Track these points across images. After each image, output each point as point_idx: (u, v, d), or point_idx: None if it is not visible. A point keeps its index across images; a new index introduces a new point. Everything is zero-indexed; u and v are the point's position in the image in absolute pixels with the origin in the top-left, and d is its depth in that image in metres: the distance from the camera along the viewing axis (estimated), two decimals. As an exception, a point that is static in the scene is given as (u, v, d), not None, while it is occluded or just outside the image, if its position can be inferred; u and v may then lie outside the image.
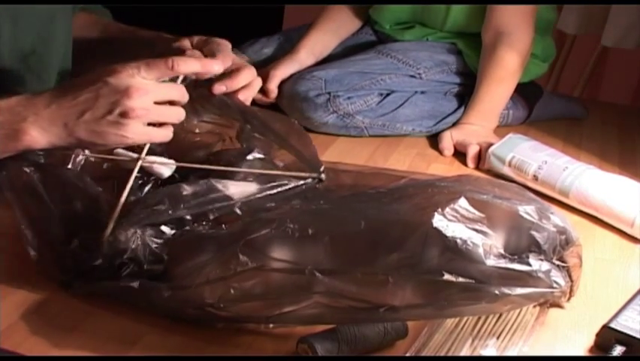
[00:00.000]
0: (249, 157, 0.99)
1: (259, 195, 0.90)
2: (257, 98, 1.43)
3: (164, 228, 0.85)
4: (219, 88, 0.99)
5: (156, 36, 1.09)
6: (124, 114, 0.86)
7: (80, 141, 0.88)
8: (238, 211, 0.87)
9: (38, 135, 0.87)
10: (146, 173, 0.95)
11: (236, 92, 1.01)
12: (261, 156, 1.00)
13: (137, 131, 0.88)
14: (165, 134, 0.91)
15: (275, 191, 0.91)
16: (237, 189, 0.89)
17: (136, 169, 0.91)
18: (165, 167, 0.94)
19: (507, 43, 1.42)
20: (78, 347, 0.77)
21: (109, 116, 0.86)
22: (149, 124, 0.89)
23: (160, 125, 0.90)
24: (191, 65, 0.92)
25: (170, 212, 0.85)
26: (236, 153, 1.02)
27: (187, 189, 0.87)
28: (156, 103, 0.89)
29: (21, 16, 1.03)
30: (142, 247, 0.82)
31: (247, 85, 1.02)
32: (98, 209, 0.86)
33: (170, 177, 0.96)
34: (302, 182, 0.94)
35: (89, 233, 0.83)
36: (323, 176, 0.96)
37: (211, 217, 0.86)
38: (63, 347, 0.77)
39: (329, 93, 1.39)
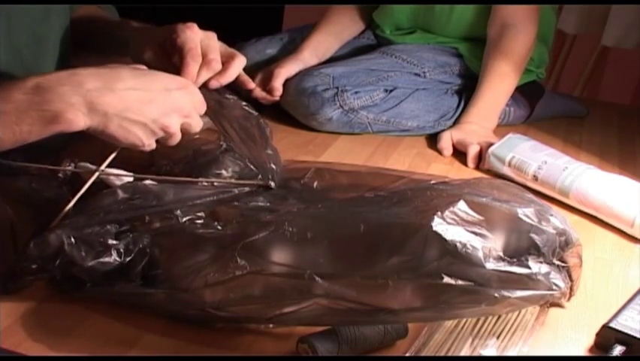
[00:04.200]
0: (220, 151, 1.00)
1: (198, 202, 0.90)
2: (261, 97, 1.44)
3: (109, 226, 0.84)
4: (214, 84, 0.98)
5: (131, 34, 1.07)
6: (163, 127, 0.85)
7: (103, 133, 0.83)
8: (178, 213, 0.87)
9: (74, 121, 0.80)
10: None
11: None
12: (232, 153, 1.01)
13: (151, 142, 0.87)
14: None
15: (215, 198, 0.91)
16: (175, 193, 0.89)
17: (92, 180, 0.91)
18: (119, 180, 0.93)
19: (512, 34, 1.44)
20: (76, 349, 0.77)
21: (149, 123, 0.84)
22: None
23: None
24: None
25: (101, 215, 0.84)
26: (213, 146, 1.02)
27: (121, 195, 0.86)
28: None
29: (15, 14, 1.03)
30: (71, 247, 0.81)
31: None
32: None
33: None
34: (247, 189, 0.94)
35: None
36: (272, 184, 0.96)
37: (146, 220, 0.86)
38: (61, 349, 0.77)
39: (337, 88, 1.39)
